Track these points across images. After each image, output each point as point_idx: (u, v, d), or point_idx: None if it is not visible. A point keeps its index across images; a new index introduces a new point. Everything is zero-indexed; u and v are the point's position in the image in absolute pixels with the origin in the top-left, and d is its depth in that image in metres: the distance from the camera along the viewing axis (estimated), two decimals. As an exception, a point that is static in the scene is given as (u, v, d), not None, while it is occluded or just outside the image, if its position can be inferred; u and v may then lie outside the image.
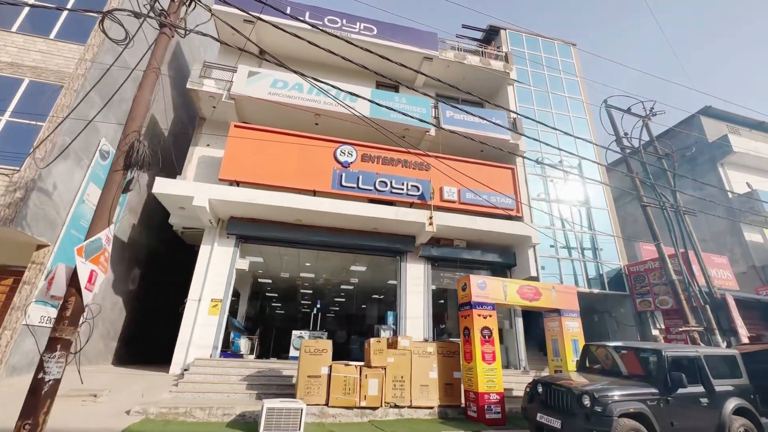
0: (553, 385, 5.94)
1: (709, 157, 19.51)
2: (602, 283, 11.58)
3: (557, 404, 5.75)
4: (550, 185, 12.35)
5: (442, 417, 7.53)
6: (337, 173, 10.64)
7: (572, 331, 8.45)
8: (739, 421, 5.80)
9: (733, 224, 18.10)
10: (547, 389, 6.05)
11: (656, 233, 9.73)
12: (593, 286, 11.55)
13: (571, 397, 5.53)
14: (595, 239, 12.07)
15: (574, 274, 11.70)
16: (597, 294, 11.61)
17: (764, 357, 6.64)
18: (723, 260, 12.80)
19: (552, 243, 11.69)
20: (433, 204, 10.72)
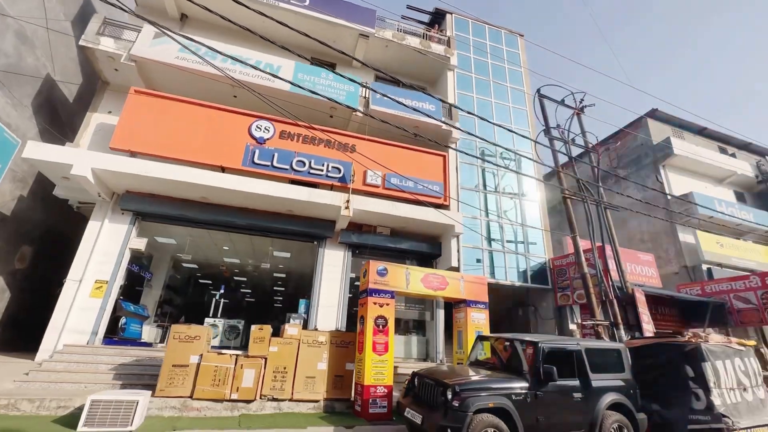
0: (425, 378, 5.51)
1: (653, 158, 19.89)
2: (528, 277, 11.38)
3: (426, 398, 5.33)
4: (482, 176, 12.01)
5: (328, 411, 7.01)
6: (250, 149, 9.86)
7: (478, 323, 8.10)
8: (614, 417, 5.55)
9: (669, 225, 18.54)
10: (420, 382, 5.61)
11: (573, 225, 9.53)
12: (519, 279, 11.33)
13: (436, 391, 5.10)
14: (525, 232, 11.84)
15: (505, 267, 11.44)
16: (522, 287, 11.41)
17: (649, 351, 6.45)
18: (649, 258, 12.91)
19: (484, 235, 11.38)
20: (353, 187, 10.13)
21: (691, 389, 5.90)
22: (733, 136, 22.77)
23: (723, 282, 11.53)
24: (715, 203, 17.81)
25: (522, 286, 11.23)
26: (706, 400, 5.72)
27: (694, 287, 12.20)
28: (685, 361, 6.05)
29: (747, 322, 10.76)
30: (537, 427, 5.04)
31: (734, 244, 17.81)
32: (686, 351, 6.06)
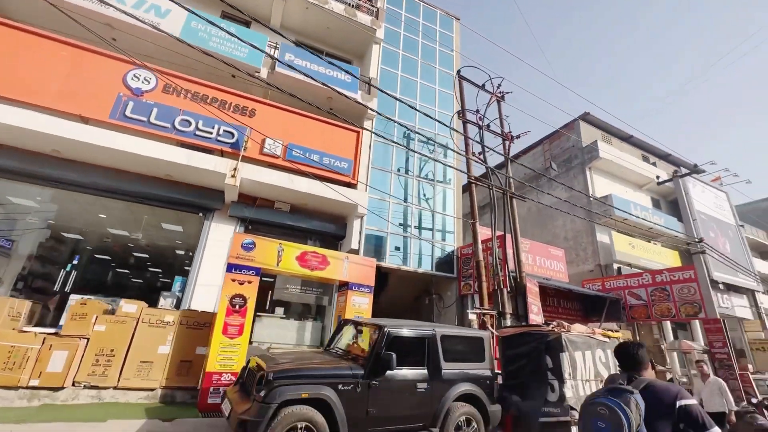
0: (249, 366, 4.75)
1: (581, 160, 20.54)
2: (435, 265, 11.00)
3: (248, 387, 4.56)
4: (397, 157, 11.41)
5: (166, 401, 6.07)
6: (122, 101, 8.50)
7: (359, 308, 7.49)
8: (462, 409, 5.11)
9: (590, 225, 19.25)
10: (247, 369, 4.85)
11: (475, 212, 9.18)
12: (426, 267, 10.91)
13: (253, 380, 4.35)
14: (438, 219, 11.43)
15: (418, 254, 10.97)
16: (430, 275, 11.02)
17: (518, 341, 6.14)
18: (559, 252, 13.08)
19: (395, 219, 10.80)
20: (248, 156, 9.11)
21: (548, 380, 5.62)
22: (656, 146, 24.12)
23: (620, 278, 11.89)
24: (631, 207, 18.62)
25: (429, 274, 10.84)
26: (559, 391, 5.45)
27: (597, 283, 12.52)
28: (546, 351, 5.77)
29: (637, 318, 11.15)
30: (366, 421, 4.45)
31: (645, 247, 18.78)
32: (549, 341, 5.78)
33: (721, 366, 8.88)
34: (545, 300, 11.82)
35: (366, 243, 9.95)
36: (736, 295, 22.11)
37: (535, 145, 24.54)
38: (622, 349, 2.30)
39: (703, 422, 1.83)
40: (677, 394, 1.92)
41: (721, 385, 6.30)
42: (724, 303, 20.73)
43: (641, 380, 2.04)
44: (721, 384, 6.30)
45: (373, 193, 10.46)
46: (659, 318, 10.69)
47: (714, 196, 23.75)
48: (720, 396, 6.18)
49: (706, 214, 21.92)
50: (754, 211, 31.88)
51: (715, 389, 6.25)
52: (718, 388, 6.28)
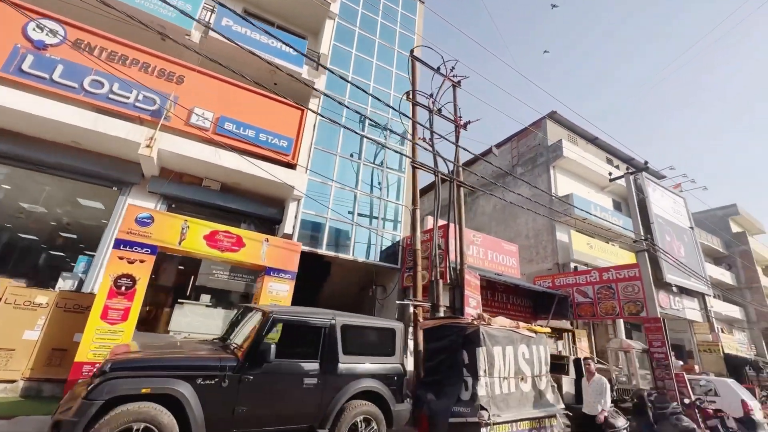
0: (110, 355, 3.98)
1: (546, 158, 20.48)
2: (381, 254, 10.42)
3: (95, 380, 3.79)
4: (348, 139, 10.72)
5: (30, 395, 5.21)
6: (19, 53, 7.45)
7: (276, 295, 6.80)
8: (361, 408, 4.51)
9: (550, 224, 19.21)
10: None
11: (416, 198, 8.62)
12: (372, 257, 10.32)
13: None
14: (386, 207, 10.84)
15: (366, 243, 10.35)
16: (374, 265, 10.43)
17: (439, 334, 5.62)
18: (512, 248, 12.77)
19: (340, 205, 10.12)
20: (172, 126, 8.23)
21: (463, 377, 5.12)
22: (620, 150, 24.40)
23: (569, 275, 11.70)
24: (591, 207, 18.65)
25: (373, 265, 10.25)
26: (471, 389, 4.95)
27: (547, 280, 12.31)
28: (463, 346, 5.26)
29: (583, 316, 10.98)
30: (233, 421, 3.79)
31: (603, 247, 18.87)
32: (467, 334, 5.27)
33: (659, 365, 8.72)
34: (493, 295, 11.48)
35: (302, 228, 9.25)
36: (687, 298, 22.71)
37: (504, 143, 24.41)
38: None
39: None
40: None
41: (603, 384, 5.59)
42: (676, 305, 21.22)
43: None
44: (604, 384, 5.60)
45: (315, 176, 9.75)
46: (603, 316, 10.53)
47: (672, 201, 24.27)
48: (600, 396, 5.54)
49: (663, 218, 22.34)
50: (710, 219, 33.05)
51: (597, 389, 5.62)
52: (599, 387, 5.60)
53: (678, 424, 5.96)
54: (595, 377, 5.74)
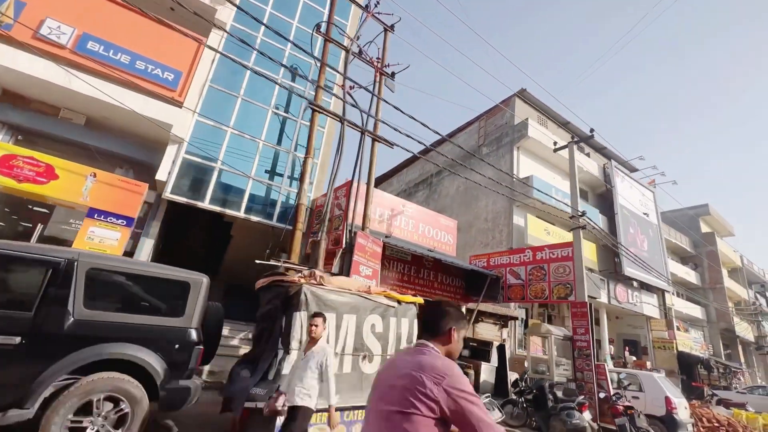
0: None
1: (511, 138, 19.31)
2: (282, 215, 9.10)
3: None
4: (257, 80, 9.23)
5: None
6: None
7: (101, 243, 5.44)
8: (102, 383, 3.25)
9: (509, 207, 18.17)
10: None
11: (311, 146, 7.26)
12: (277, 219, 9.00)
13: None
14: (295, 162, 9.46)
15: (268, 203, 9.01)
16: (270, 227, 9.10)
17: (269, 295, 4.37)
18: (450, 223, 11.61)
19: (239, 156, 8.71)
20: (5, 33, 6.65)
21: (276, 349, 3.90)
22: (595, 139, 23.31)
23: (504, 255, 10.62)
24: (553, 191, 17.63)
25: (271, 226, 8.93)
26: (276, 366, 3.73)
27: (482, 259, 11.22)
28: (283, 310, 4.03)
29: (513, 298, 9.94)
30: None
31: (561, 235, 17.88)
32: (289, 296, 4.03)
33: (580, 355, 7.72)
34: (418, 272, 10.34)
35: (183, 177, 7.85)
36: (647, 293, 22.15)
37: (472, 122, 23.16)
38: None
39: None
40: None
41: (320, 357, 3.34)
42: (633, 299, 20.61)
43: None
44: (322, 357, 3.34)
45: (208, 119, 8.30)
46: (533, 299, 9.50)
47: (641, 194, 23.51)
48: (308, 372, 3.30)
49: (629, 210, 21.55)
50: (681, 218, 32.60)
51: (304, 365, 3.28)
52: (313, 361, 3.33)
53: (567, 421, 4.90)
54: (315, 347, 3.37)
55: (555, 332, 7.96)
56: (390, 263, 9.77)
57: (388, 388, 1.24)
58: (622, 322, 23.24)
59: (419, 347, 1.34)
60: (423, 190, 25.86)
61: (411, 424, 1.10)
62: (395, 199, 10.60)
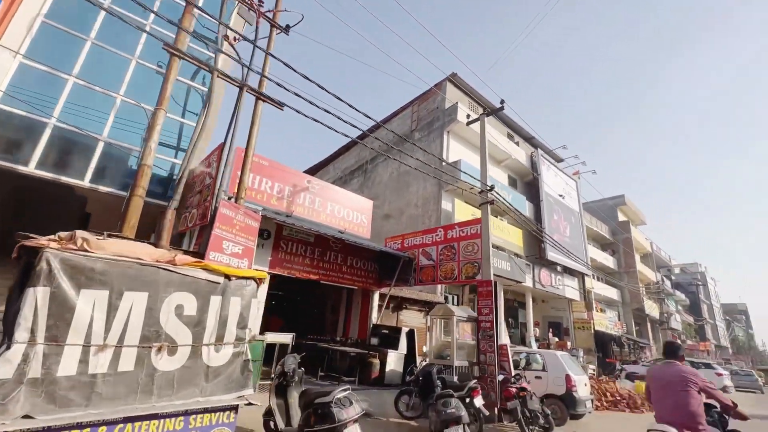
0: None
1: (442, 122, 19.00)
2: (163, 190, 7.62)
3: None
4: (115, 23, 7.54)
5: None
6: None
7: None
8: None
9: (438, 192, 17.86)
10: None
11: (163, 96, 5.89)
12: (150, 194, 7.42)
13: None
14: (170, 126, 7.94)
15: (128, 170, 7.43)
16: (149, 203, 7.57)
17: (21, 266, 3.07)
18: (367, 204, 10.75)
19: (95, 114, 7.01)
20: None
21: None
22: (523, 128, 23.89)
23: (418, 235, 10.00)
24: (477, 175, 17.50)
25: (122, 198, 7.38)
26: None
27: (397, 240, 10.54)
28: (21, 284, 2.78)
29: (425, 280, 9.36)
30: None
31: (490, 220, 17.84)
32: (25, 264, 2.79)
33: (484, 336, 7.24)
34: (324, 255, 9.34)
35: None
36: (569, 277, 23.19)
37: (406, 107, 22.61)
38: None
39: None
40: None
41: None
42: (556, 283, 21.43)
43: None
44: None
45: (38, 62, 6.54)
46: (443, 280, 8.95)
47: (564, 183, 24.55)
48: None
49: (553, 198, 22.37)
50: (602, 208, 35.03)
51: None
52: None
53: (442, 411, 4.18)
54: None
55: (458, 313, 7.41)
56: (289, 245, 8.67)
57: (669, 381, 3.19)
58: (547, 305, 24.22)
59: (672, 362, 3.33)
60: (358, 177, 25.00)
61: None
62: (299, 174, 9.49)
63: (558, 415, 7.17)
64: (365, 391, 7.35)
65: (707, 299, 52.21)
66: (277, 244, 8.42)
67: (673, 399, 3.09)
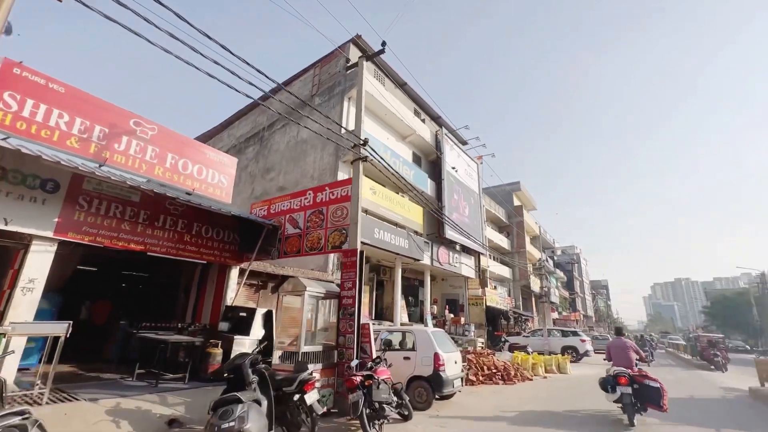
0: None
1: (343, 88, 17.47)
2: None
3: None
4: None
5: None
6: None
7: None
8: None
9: (335, 162, 16.46)
10: None
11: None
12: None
13: None
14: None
15: None
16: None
17: None
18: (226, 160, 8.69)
19: None
20: None
21: None
22: (431, 106, 23.52)
23: (286, 199, 8.47)
24: (381, 148, 16.49)
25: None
26: None
27: (263, 207, 8.89)
28: None
29: (290, 252, 7.93)
30: None
31: (390, 196, 16.98)
32: None
33: (345, 314, 6.09)
34: (160, 219, 7.24)
35: None
36: (466, 256, 23.92)
37: (308, 69, 20.52)
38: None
39: None
40: None
41: None
42: (453, 261, 21.84)
43: None
44: None
45: None
46: (308, 251, 7.61)
47: (466, 164, 25.09)
48: None
49: (454, 177, 22.61)
50: (500, 193, 37.45)
51: None
52: None
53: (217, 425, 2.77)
54: None
55: (312, 289, 6.09)
56: (95, 203, 6.40)
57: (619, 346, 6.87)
58: (446, 283, 24.83)
59: (619, 337, 7.28)
60: (254, 145, 22.29)
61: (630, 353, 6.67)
62: (122, 112, 7.13)
63: (424, 398, 6.41)
64: (185, 390, 5.69)
65: (580, 276, 60.53)
66: (72, 201, 6.11)
67: (622, 355, 6.62)
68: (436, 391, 6.40)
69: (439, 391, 6.40)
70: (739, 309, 49.91)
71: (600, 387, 6.45)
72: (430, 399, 6.39)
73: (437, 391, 6.39)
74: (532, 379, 10.99)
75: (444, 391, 6.43)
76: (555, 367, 13.22)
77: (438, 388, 6.38)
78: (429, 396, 6.40)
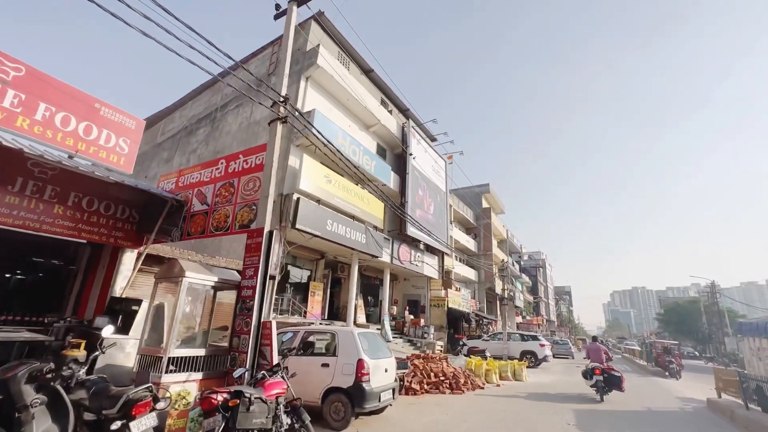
0: None
1: (301, 66, 16.06)
2: None
3: None
4: None
5: None
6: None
7: None
8: None
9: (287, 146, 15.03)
10: None
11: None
12: None
13: None
14: None
15: None
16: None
17: None
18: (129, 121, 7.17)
19: None
20: None
21: None
22: (399, 98, 22.49)
23: (196, 170, 7.05)
24: (339, 134, 15.27)
25: None
26: None
27: (171, 179, 7.44)
28: None
29: (193, 233, 6.55)
30: None
31: (346, 186, 15.70)
32: None
33: (242, 310, 4.79)
34: (13, 185, 5.64)
35: None
36: (430, 255, 22.96)
37: (266, 47, 18.95)
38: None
39: None
40: None
41: None
42: (415, 260, 20.83)
43: None
44: None
45: None
46: (214, 232, 6.25)
47: (434, 161, 24.22)
48: None
49: (420, 173, 21.65)
50: (469, 194, 37.02)
51: None
52: None
53: None
54: None
55: (194, 276, 4.74)
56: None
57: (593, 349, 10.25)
58: (408, 283, 23.82)
59: (595, 342, 10.94)
60: (205, 126, 20.44)
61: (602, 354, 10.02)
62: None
63: (341, 415, 5.18)
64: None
65: (544, 281, 61.47)
66: None
67: (596, 355, 9.85)
68: (356, 407, 5.19)
69: (360, 407, 5.19)
70: (690, 317, 52.19)
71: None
72: (348, 417, 5.17)
73: (358, 406, 5.18)
74: (483, 387, 10.03)
75: (366, 407, 5.23)
76: (510, 374, 12.37)
77: (359, 403, 5.17)
78: (347, 413, 5.18)
